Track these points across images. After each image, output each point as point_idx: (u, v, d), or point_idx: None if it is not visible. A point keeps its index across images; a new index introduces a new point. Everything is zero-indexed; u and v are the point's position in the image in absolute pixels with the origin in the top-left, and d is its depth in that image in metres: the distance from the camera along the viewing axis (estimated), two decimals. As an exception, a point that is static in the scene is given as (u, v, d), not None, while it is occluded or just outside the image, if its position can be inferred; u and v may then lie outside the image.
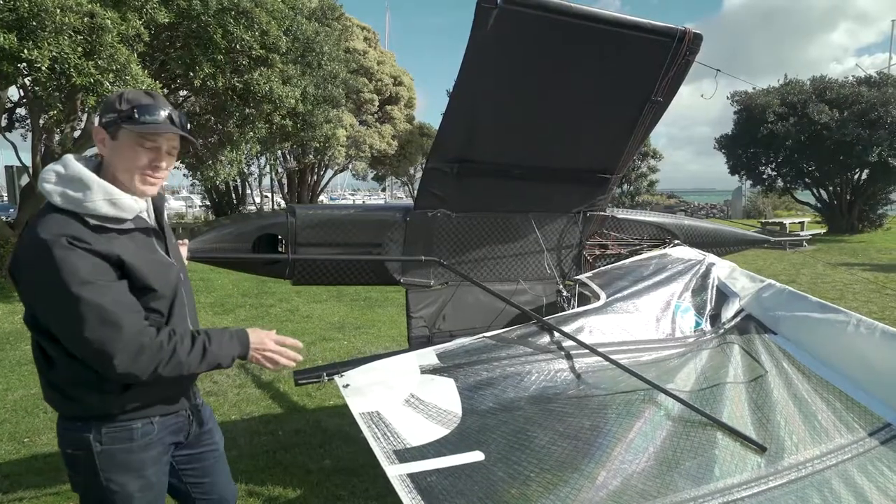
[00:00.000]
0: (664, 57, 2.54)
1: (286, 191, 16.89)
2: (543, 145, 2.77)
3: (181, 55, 6.22)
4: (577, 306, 3.01)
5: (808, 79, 19.62)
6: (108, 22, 5.20)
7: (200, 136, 7.96)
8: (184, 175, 13.56)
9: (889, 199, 20.88)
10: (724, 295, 2.95)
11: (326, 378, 2.22)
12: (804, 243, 14.71)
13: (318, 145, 9.61)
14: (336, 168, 17.75)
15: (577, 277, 3.10)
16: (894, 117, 17.02)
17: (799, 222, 18.56)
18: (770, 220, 19.53)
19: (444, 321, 2.98)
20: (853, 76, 19.47)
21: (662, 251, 3.32)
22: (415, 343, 2.91)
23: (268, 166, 14.28)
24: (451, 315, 2.99)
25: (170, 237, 1.63)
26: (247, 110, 7.46)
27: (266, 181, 19.35)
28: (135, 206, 1.43)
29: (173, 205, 29.62)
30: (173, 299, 1.54)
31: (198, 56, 6.12)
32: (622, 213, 3.44)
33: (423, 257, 2.76)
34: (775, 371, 2.42)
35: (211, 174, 7.96)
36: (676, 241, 3.52)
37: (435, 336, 2.94)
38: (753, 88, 19.18)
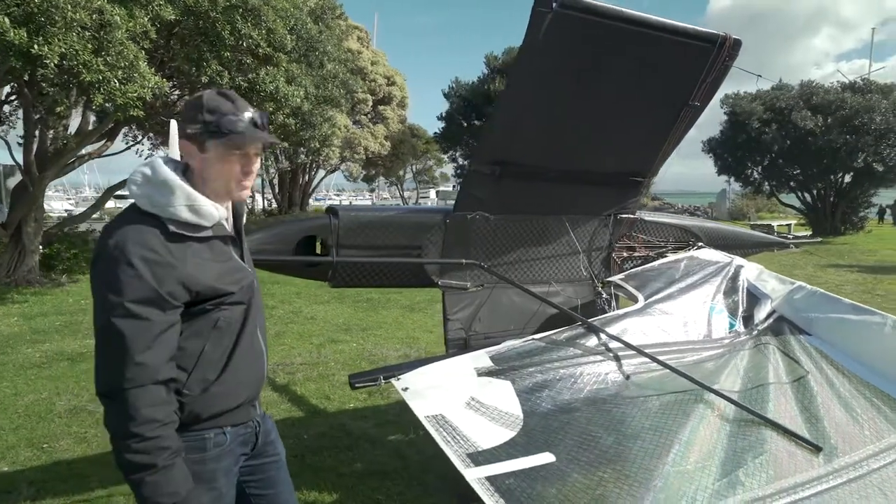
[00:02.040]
0: (704, 62, 2.58)
1: (277, 191, 16.73)
2: (582, 148, 2.79)
3: (188, 52, 6.14)
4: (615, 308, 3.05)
5: (795, 84, 20.03)
6: (118, 18, 5.12)
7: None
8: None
9: (871, 203, 21.39)
10: (754, 297, 3.00)
11: (383, 381, 2.20)
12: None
13: (316, 145, 9.52)
14: (328, 169, 17.66)
15: (611, 279, 3.13)
16: (878, 123, 17.43)
17: (786, 224, 18.92)
18: (756, 223, 19.87)
19: (479, 323, 2.98)
20: (838, 82, 19.93)
21: (689, 253, 3.36)
22: (451, 345, 2.91)
23: (262, 166, 14.17)
24: (487, 317, 2.99)
25: (245, 243, 1.61)
26: (251, 109, 7.37)
27: (257, 181, 19.22)
28: (215, 214, 1.41)
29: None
30: (249, 305, 1.51)
31: (205, 53, 6.05)
32: (649, 216, 3.47)
33: (463, 260, 2.76)
34: (816, 371, 2.46)
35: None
36: (700, 244, 3.57)
37: (471, 338, 2.94)
38: (757, 89, 19.50)
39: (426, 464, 3.22)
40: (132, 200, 1.40)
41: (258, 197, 22.52)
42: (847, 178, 19.77)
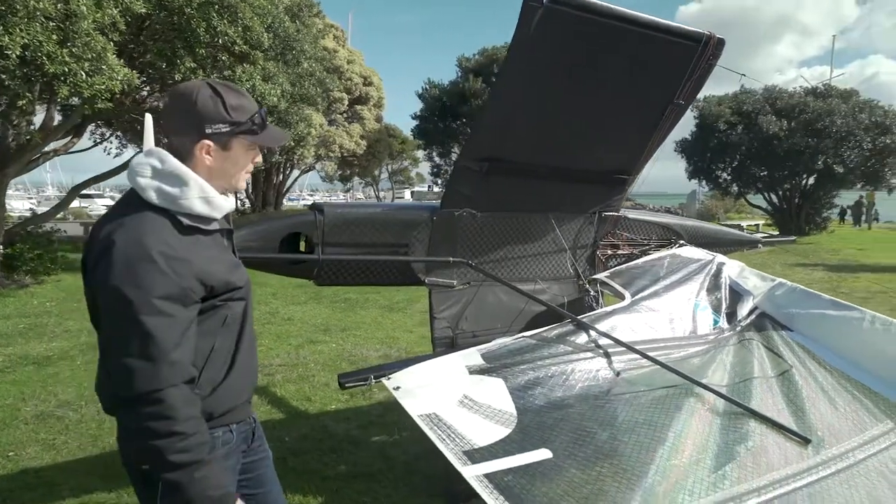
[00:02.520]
0: (689, 60, 2.60)
1: (251, 190, 16.45)
2: (569, 145, 2.79)
3: (161, 48, 5.96)
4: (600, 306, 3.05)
5: (759, 88, 20.60)
6: (84, 8, 4.93)
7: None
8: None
9: (833, 204, 22.13)
10: (737, 293, 3.04)
11: (374, 380, 2.15)
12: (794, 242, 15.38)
13: (291, 144, 9.37)
14: (303, 168, 17.43)
15: (596, 277, 3.13)
16: (839, 127, 18.04)
17: (754, 225, 19.42)
18: (725, 223, 20.35)
19: (466, 321, 2.95)
20: (801, 87, 20.57)
21: (672, 251, 3.39)
22: (439, 344, 2.87)
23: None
24: (474, 315, 2.96)
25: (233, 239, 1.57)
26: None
27: None
28: (225, 206, 1.38)
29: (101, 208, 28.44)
30: (248, 300, 1.49)
31: (179, 50, 5.88)
32: (633, 214, 3.50)
33: (451, 258, 2.73)
34: (800, 366, 2.51)
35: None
36: (682, 242, 3.61)
37: (458, 337, 2.91)
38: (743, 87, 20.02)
39: (412, 464, 3.18)
40: (122, 194, 1.34)
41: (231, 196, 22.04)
42: (811, 180, 20.42)
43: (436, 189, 33.31)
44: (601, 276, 3.14)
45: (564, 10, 2.19)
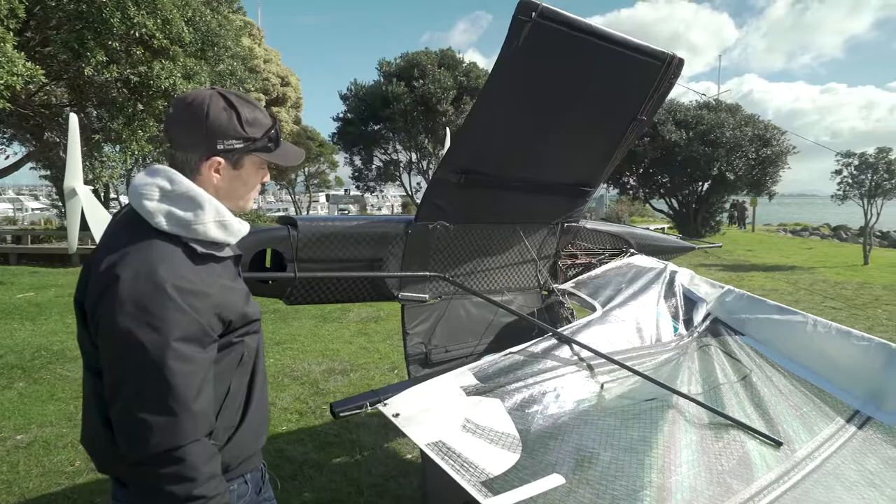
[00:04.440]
0: (654, 78, 2.71)
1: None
2: (542, 158, 2.81)
3: (66, 38, 5.34)
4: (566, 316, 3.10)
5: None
6: (-24, -8, 4.32)
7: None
8: (41, 177, 11.74)
9: (724, 208, 24.26)
10: (691, 300, 3.20)
11: (369, 407, 2.03)
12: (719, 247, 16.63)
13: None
14: (215, 170, 16.41)
15: (563, 287, 3.18)
16: (728, 138, 19.82)
17: (660, 228, 20.81)
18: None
19: (437, 336, 2.89)
20: (695, 100, 22.38)
21: (627, 260, 3.52)
22: (412, 361, 2.79)
23: (130, 167, 12.74)
24: (445, 330, 2.91)
25: None
26: (139, 106, 6.64)
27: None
28: (242, 230, 1.24)
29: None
30: (259, 334, 1.35)
31: (89, 41, 5.30)
32: (590, 224, 3.59)
33: (429, 273, 2.66)
34: (757, 369, 2.67)
35: (90, 176, 6.94)
36: (632, 250, 3.76)
37: (431, 353, 2.84)
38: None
39: (380, 486, 3.07)
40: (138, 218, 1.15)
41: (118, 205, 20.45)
42: (706, 186, 22.25)
43: (353, 192, 32.73)
44: (567, 286, 3.20)
45: (551, 25, 2.20)
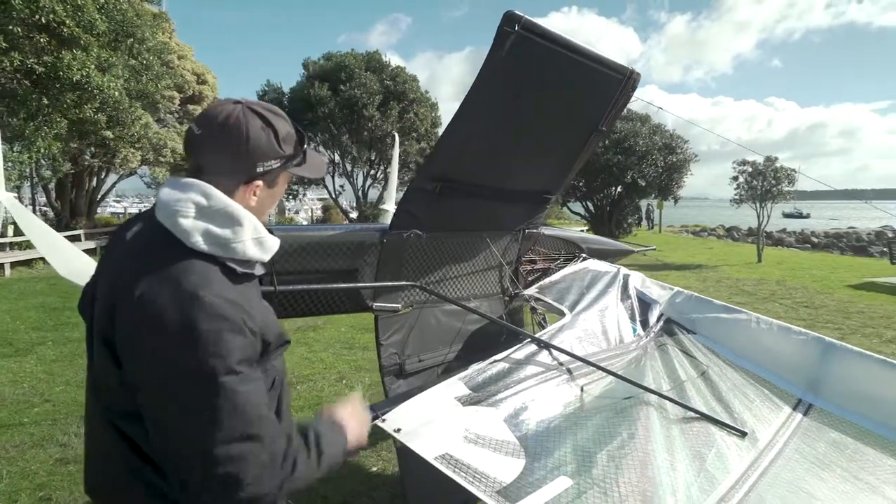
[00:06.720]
0: (615, 91, 2.84)
1: (54, 198, 13.83)
2: (511, 166, 2.86)
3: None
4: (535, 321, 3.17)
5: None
6: None
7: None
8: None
9: (635, 211, 25.83)
10: (645, 302, 3.38)
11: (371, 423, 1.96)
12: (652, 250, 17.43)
13: (130, 147, 8.15)
14: (123, 173, 15.20)
15: (527, 292, 3.25)
16: (640, 146, 21.12)
17: (580, 230, 21.78)
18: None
19: (410, 346, 2.86)
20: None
21: (583, 265, 3.66)
22: (386, 372, 2.74)
23: (29, 168, 11.56)
24: (417, 339, 2.88)
25: None
26: (44, 100, 6.03)
27: (27, 188, 15.42)
28: (273, 246, 1.16)
29: None
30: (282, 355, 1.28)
31: (-12, 27, 4.72)
32: (547, 230, 3.70)
33: (406, 282, 2.63)
34: (712, 364, 2.87)
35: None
36: (584, 255, 3.91)
37: (405, 362, 2.80)
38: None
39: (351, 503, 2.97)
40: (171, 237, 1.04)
41: (35, 206, 18.40)
42: (619, 190, 23.56)
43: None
44: (531, 291, 3.27)
45: (532, 37, 2.25)
